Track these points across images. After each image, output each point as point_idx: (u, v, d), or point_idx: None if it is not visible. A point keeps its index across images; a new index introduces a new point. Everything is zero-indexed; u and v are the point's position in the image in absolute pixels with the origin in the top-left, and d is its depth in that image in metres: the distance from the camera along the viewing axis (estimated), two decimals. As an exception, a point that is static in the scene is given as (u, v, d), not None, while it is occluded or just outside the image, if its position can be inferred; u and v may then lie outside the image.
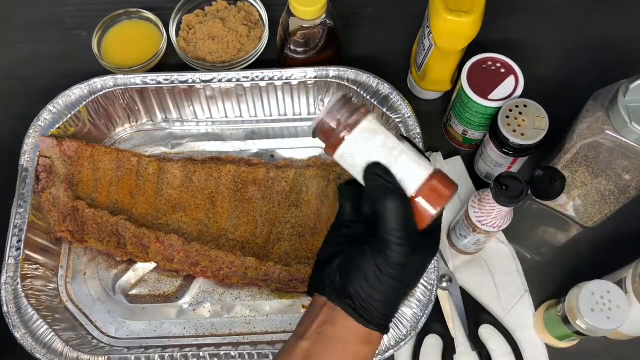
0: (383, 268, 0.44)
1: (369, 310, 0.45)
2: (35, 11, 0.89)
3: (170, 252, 0.67)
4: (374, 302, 0.45)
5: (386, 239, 0.44)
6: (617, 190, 0.65)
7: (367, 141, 0.45)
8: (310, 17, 0.69)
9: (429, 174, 0.44)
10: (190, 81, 0.73)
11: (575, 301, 0.58)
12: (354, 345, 0.46)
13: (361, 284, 0.45)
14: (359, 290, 0.45)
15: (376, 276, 0.45)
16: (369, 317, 0.45)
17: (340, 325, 0.46)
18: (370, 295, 0.45)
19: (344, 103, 0.46)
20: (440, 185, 0.44)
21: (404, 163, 0.44)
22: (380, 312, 0.46)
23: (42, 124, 0.72)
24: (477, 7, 0.64)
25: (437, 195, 0.44)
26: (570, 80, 0.81)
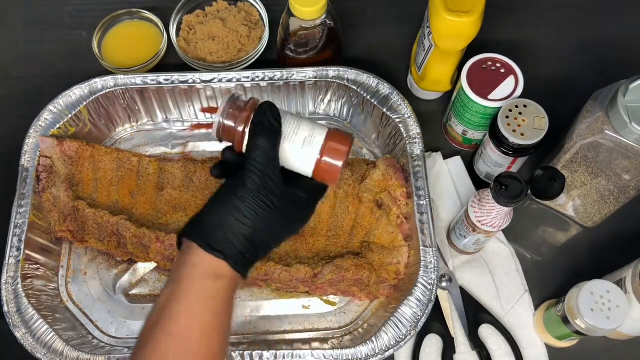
0: (239, 193, 0.46)
1: (219, 241, 0.46)
2: (35, 11, 0.89)
3: (170, 251, 0.67)
4: (227, 232, 0.46)
5: (247, 167, 0.47)
6: (617, 190, 0.65)
7: None
8: (311, 17, 0.69)
9: (325, 135, 0.50)
10: (191, 81, 0.73)
11: (575, 301, 0.58)
12: (200, 280, 0.46)
13: (215, 211, 0.47)
14: (212, 218, 0.47)
15: (232, 204, 0.46)
16: (218, 247, 0.45)
17: (190, 263, 0.46)
18: (223, 223, 0.46)
19: (234, 101, 0.51)
20: (336, 143, 0.50)
21: (304, 131, 0.50)
22: (231, 241, 0.46)
23: (42, 124, 0.72)
24: (477, 7, 0.65)
25: (336, 151, 0.50)
26: (570, 80, 0.81)
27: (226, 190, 0.48)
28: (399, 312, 0.62)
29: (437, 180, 0.75)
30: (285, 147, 0.50)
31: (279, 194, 0.48)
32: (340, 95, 0.75)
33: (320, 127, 0.51)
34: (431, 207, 0.65)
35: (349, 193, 0.71)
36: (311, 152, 0.50)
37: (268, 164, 0.47)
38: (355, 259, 0.67)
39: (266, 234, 0.48)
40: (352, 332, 0.67)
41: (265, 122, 0.48)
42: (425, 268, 0.63)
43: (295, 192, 0.50)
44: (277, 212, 0.48)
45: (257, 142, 0.48)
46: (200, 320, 0.45)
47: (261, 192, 0.47)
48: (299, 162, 0.50)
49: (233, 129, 0.50)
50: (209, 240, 0.46)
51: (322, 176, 0.51)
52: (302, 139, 0.50)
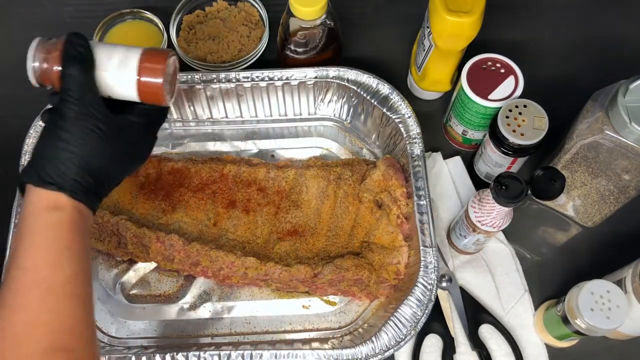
0: (59, 123, 0.47)
1: (49, 173, 0.46)
2: (35, 11, 0.89)
3: (170, 252, 0.67)
4: (56, 163, 0.46)
5: (62, 97, 0.47)
6: (617, 190, 0.65)
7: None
8: (311, 17, 0.69)
9: (140, 55, 0.50)
10: (191, 81, 0.73)
11: (574, 301, 0.58)
12: (40, 214, 0.46)
13: (41, 147, 0.47)
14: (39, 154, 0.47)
15: (56, 135, 0.47)
16: (49, 178, 0.46)
17: (28, 202, 0.47)
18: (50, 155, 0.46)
19: (41, 44, 0.50)
20: (152, 61, 0.50)
21: (117, 55, 0.50)
22: (62, 171, 0.46)
23: (42, 124, 0.72)
24: (477, 7, 0.65)
25: (153, 68, 0.50)
26: (570, 80, 0.81)
27: (47, 126, 0.48)
28: (399, 312, 0.62)
29: (437, 180, 0.75)
30: (102, 75, 0.49)
31: (103, 118, 0.48)
32: (340, 95, 0.75)
33: (135, 49, 0.50)
34: (431, 207, 0.66)
35: (349, 193, 0.71)
36: (127, 74, 0.49)
37: (82, 90, 0.47)
38: (355, 259, 0.67)
39: (103, 163, 0.48)
40: (352, 332, 0.67)
41: (72, 50, 0.48)
42: (425, 268, 0.63)
43: (127, 117, 0.50)
44: (108, 139, 0.48)
45: (66, 71, 0.48)
46: (48, 250, 0.45)
47: (81, 118, 0.47)
48: (119, 88, 0.50)
49: (48, 71, 0.49)
50: (40, 174, 0.46)
51: (149, 97, 0.50)
52: (117, 63, 0.49)
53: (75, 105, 0.47)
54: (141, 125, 0.52)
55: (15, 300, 0.44)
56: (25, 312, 0.44)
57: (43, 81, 0.50)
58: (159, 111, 0.53)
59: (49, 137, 0.47)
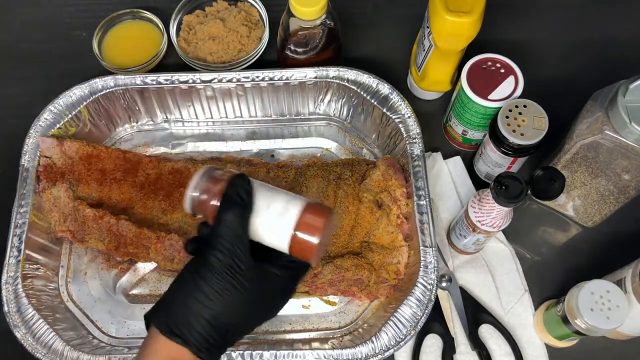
0: (202, 272, 0.43)
1: (179, 325, 0.43)
2: (35, 11, 0.89)
3: (170, 251, 0.67)
4: (188, 314, 0.43)
5: (212, 244, 0.44)
6: (617, 190, 0.65)
7: None
8: (311, 17, 0.69)
9: (302, 208, 0.46)
10: (191, 81, 0.73)
11: (574, 301, 0.58)
12: None
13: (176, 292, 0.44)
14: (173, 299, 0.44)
15: (195, 284, 0.43)
16: (178, 331, 0.43)
17: (151, 350, 0.43)
18: (184, 305, 0.43)
19: (207, 176, 0.47)
20: (313, 217, 0.46)
21: (277, 204, 0.46)
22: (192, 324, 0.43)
23: (42, 124, 0.72)
24: (477, 7, 0.65)
25: (312, 226, 0.45)
26: (570, 80, 0.81)
27: (190, 270, 0.45)
28: (399, 312, 0.62)
29: (437, 180, 0.75)
30: (257, 222, 0.46)
31: (247, 273, 0.44)
32: (340, 95, 0.75)
33: (296, 200, 0.47)
34: (431, 207, 0.66)
35: (349, 193, 0.71)
36: (285, 226, 0.46)
37: (234, 240, 0.44)
38: (355, 258, 0.67)
39: (235, 317, 0.44)
40: (352, 332, 0.67)
41: (234, 195, 0.45)
42: (425, 268, 0.63)
43: (270, 269, 0.46)
44: (246, 293, 0.44)
45: (223, 216, 0.44)
46: None
47: (226, 271, 0.43)
48: (272, 237, 0.46)
49: (205, 203, 0.47)
50: (169, 323, 0.43)
51: (299, 252, 0.46)
52: (276, 212, 0.46)
53: (223, 255, 0.43)
54: (281, 279, 0.47)
55: None
56: None
57: (198, 211, 0.48)
58: (303, 265, 0.48)
59: (187, 284, 0.44)
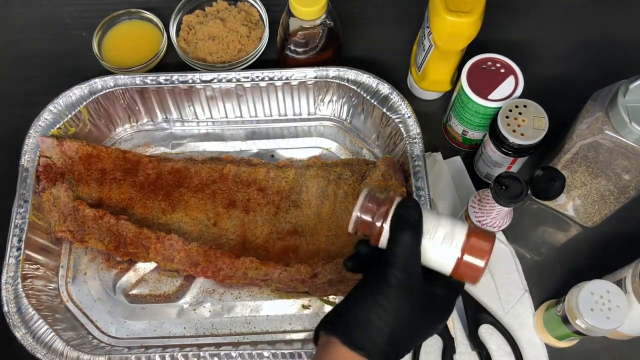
0: (381, 289, 0.45)
1: (361, 338, 0.44)
2: (35, 11, 0.89)
3: (170, 252, 0.67)
4: (369, 329, 0.45)
5: (390, 262, 0.46)
6: (617, 190, 0.65)
7: None
8: (310, 17, 0.69)
9: (466, 233, 0.48)
10: (191, 81, 0.73)
11: (574, 301, 0.58)
12: None
13: (356, 307, 0.46)
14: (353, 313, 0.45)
15: (375, 300, 0.45)
16: (360, 344, 0.44)
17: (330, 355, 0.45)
18: (365, 319, 0.45)
19: (372, 196, 0.50)
20: (479, 241, 0.48)
21: (444, 227, 0.48)
22: (373, 338, 0.44)
23: (42, 124, 0.72)
24: (477, 7, 0.65)
25: (479, 250, 0.47)
26: (570, 80, 0.81)
27: (367, 286, 0.47)
28: (399, 312, 0.62)
29: (437, 180, 0.75)
30: (424, 244, 0.48)
31: (420, 293, 0.46)
32: (340, 95, 0.75)
33: (460, 224, 0.49)
34: (431, 207, 0.65)
35: (349, 193, 0.71)
36: (451, 250, 0.47)
37: (410, 260, 0.46)
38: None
39: (408, 333, 0.46)
40: (352, 332, 0.67)
41: (409, 217, 0.47)
42: (425, 268, 0.63)
43: (434, 289, 0.48)
44: (418, 310, 0.46)
45: (400, 237, 0.46)
46: None
47: (404, 290, 0.45)
48: (438, 260, 0.48)
49: (370, 224, 0.49)
50: (350, 336, 0.45)
51: (462, 274, 0.48)
52: (442, 235, 0.48)
53: (401, 274, 0.45)
54: (444, 299, 0.49)
55: None
56: None
57: (360, 230, 0.50)
58: (460, 286, 0.50)
59: (366, 299, 0.46)
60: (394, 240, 0.46)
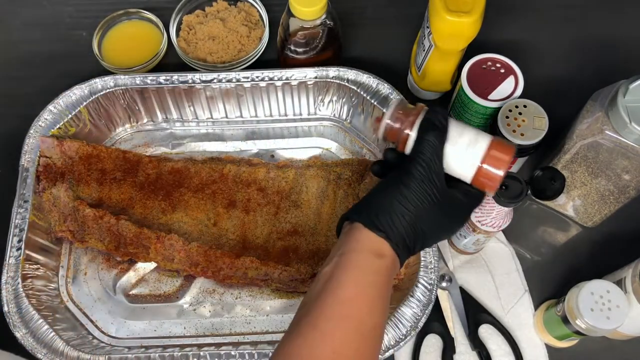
0: (405, 180, 0.49)
1: (382, 221, 0.48)
2: (35, 11, 0.89)
3: (170, 252, 0.67)
4: (391, 214, 0.48)
5: (415, 158, 0.49)
6: (617, 190, 0.65)
7: None
8: (311, 17, 0.69)
9: (488, 142, 0.50)
10: (191, 81, 0.73)
11: (574, 301, 0.58)
12: (365, 254, 0.47)
13: (380, 195, 0.50)
14: (377, 200, 0.49)
15: (398, 189, 0.49)
16: (381, 226, 0.48)
17: (354, 239, 0.48)
18: (388, 205, 0.48)
19: (402, 105, 0.53)
20: (499, 152, 0.50)
21: (468, 135, 0.51)
22: (394, 223, 0.48)
23: (42, 124, 0.72)
24: (477, 7, 0.65)
25: (498, 159, 0.50)
26: (570, 80, 0.81)
27: (392, 178, 0.50)
28: (399, 312, 0.62)
29: (437, 180, 0.75)
30: (448, 150, 0.50)
31: (440, 189, 0.49)
32: (340, 95, 0.75)
33: (484, 134, 0.51)
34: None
35: (349, 193, 0.71)
36: (473, 157, 0.50)
37: (434, 158, 0.49)
38: (355, 259, 0.67)
39: (426, 225, 0.50)
40: (352, 332, 0.67)
41: (436, 120, 0.50)
42: (425, 268, 0.63)
43: (455, 193, 0.51)
44: (437, 206, 0.49)
45: (426, 136, 0.50)
46: (366, 291, 0.47)
47: (425, 182, 0.49)
48: (459, 166, 0.51)
49: (399, 131, 0.52)
50: (373, 219, 0.48)
51: (481, 183, 0.51)
52: (466, 143, 0.50)
53: (424, 169, 0.49)
54: (462, 203, 0.52)
55: (327, 326, 0.45)
56: (335, 340, 0.45)
57: (389, 137, 0.53)
58: (478, 195, 0.53)
59: (390, 189, 0.49)
60: (420, 139, 0.50)
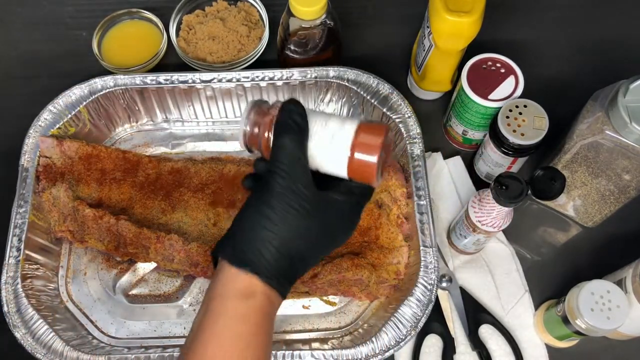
0: (264, 198, 0.42)
1: (248, 254, 0.42)
2: (35, 11, 0.89)
3: (170, 252, 0.67)
4: (255, 241, 0.42)
5: (271, 169, 0.43)
6: (617, 190, 0.65)
7: None
8: (310, 17, 0.69)
9: (355, 129, 0.45)
10: (191, 81, 0.73)
11: (575, 301, 0.58)
12: (231, 300, 0.42)
13: (241, 221, 0.43)
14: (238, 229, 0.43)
15: (258, 210, 0.43)
16: (247, 260, 0.42)
17: (220, 281, 0.43)
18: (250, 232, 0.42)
19: (258, 107, 0.47)
20: (367, 136, 0.44)
21: (331, 126, 0.45)
22: (259, 251, 0.42)
23: (42, 124, 0.72)
24: (477, 7, 0.65)
25: (368, 145, 0.44)
26: (570, 80, 0.81)
27: (252, 200, 0.44)
28: (399, 312, 0.62)
29: (437, 180, 0.75)
30: (313, 147, 0.45)
31: (310, 197, 0.43)
32: (340, 95, 0.75)
33: (350, 121, 0.45)
34: (431, 207, 0.65)
35: (349, 193, 0.71)
36: (340, 149, 0.44)
37: (293, 164, 0.43)
38: (355, 258, 0.67)
39: (301, 244, 0.43)
40: (352, 332, 0.67)
41: (288, 120, 0.44)
42: (425, 268, 0.63)
43: (333, 196, 0.45)
44: (310, 218, 0.43)
45: (279, 142, 0.44)
46: (231, 346, 0.42)
47: (288, 195, 0.42)
48: (330, 163, 0.45)
49: (259, 136, 0.46)
50: (235, 252, 0.43)
51: (359, 175, 0.45)
52: (330, 135, 0.45)
53: (283, 179, 0.43)
54: (345, 204, 0.46)
55: None
56: None
57: (252, 146, 0.47)
58: (365, 190, 0.47)
59: (250, 212, 0.43)
60: (275, 145, 0.44)
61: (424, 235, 0.64)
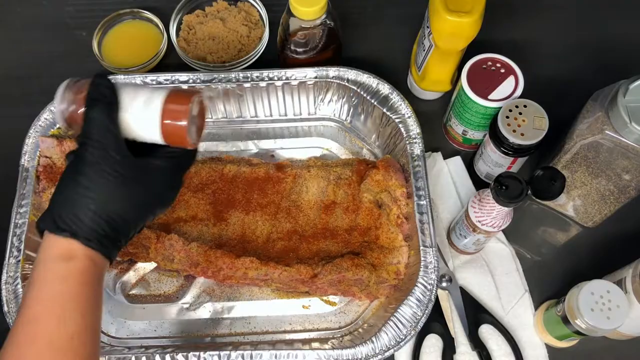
0: (78, 167, 0.45)
1: (65, 219, 0.44)
2: (35, 11, 0.89)
3: (170, 252, 0.67)
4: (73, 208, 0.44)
5: (82, 141, 0.46)
6: (617, 190, 0.65)
7: None
8: (311, 17, 0.69)
9: (164, 97, 0.48)
10: (191, 81, 0.73)
11: (574, 301, 0.58)
12: (51, 263, 0.44)
13: (58, 191, 0.46)
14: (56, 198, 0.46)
15: (73, 179, 0.45)
16: (65, 225, 0.44)
17: (42, 248, 0.45)
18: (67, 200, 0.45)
19: (70, 86, 0.49)
20: (175, 103, 0.48)
21: (141, 97, 0.48)
22: (78, 217, 0.44)
23: (42, 124, 0.72)
24: (477, 7, 0.65)
25: (176, 111, 0.48)
26: (570, 80, 0.81)
27: (67, 171, 0.47)
28: (399, 312, 0.62)
29: (437, 180, 0.75)
30: (126, 117, 0.47)
31: (124, 162, 0.46)
32: (340, 95, 0.75)
33: (160, 90, 0.49)
34: (431, 207, 0.66)
35: (349, 193, 0.71)
36: (152, 117, 0.47)
37: (103, 133, 0.46)
38: (355, 258, 0.67)
39: (121, 208, 0.46)
40: (352, 332, 0.67)
41: (95, 93, 0.47)
42: (425, 268, 0.63)
43: (151, 161, 0.48)
44: (128, 182, 0.46)
45: (90, 114, 0.46)
46: (52, 304, 0.44)
47: (100, 162, 0.45)
48: (144, 130, 0.48)
49: (75, 113, 0.48)
50: (55, 220, 0.45)
51: (173, 140, 0.48)
52: (141, 104, 0.47)
53: (94, 148, 0.45)
54: (166, 169, 0.49)
55: (18, 353, 0.42)
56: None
57: (71, 123, 0.49)
58: (185, 154, 0.50)
59: (67, 180, 0.46)
60: (85, 119, 0.46)
61: (424, 235, 0.64)
